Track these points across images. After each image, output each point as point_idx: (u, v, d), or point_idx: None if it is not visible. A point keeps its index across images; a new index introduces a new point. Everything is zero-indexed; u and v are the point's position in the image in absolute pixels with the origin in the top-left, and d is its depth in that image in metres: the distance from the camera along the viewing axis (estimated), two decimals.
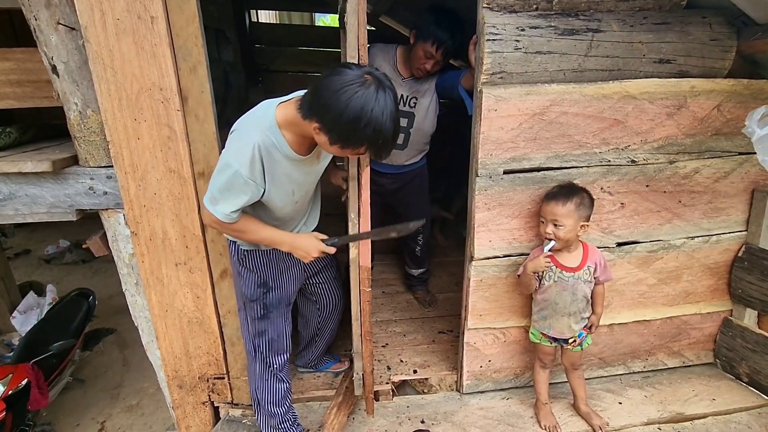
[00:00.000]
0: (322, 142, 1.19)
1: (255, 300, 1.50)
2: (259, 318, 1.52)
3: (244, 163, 1.19)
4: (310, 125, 1.17)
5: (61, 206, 1.54)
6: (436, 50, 1.85)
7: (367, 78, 1.10)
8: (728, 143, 1.74)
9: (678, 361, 2.05)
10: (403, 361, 2.07)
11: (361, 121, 1.08)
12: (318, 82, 1.14)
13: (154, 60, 1.39)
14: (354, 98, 1.07)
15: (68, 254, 4.34)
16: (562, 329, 1.64)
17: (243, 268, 1.48)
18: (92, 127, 1.48)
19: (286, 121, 1.24)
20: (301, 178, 1.35)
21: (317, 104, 1.12)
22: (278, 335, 1.57)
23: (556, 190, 1.57)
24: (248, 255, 1.46)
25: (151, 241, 1.56)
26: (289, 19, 5.74)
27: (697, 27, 1.60)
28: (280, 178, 1.28)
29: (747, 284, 1.87)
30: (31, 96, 1.61)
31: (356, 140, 1.13)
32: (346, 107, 1.07)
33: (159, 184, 1.50)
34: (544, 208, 1.56)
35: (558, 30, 1.51)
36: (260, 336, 1.55)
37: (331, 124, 1.12)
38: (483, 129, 1.56)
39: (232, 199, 1.24)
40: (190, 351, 1.72)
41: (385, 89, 1.11)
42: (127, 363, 2.94)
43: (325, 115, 1.11)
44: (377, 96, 1.09)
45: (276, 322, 1.55)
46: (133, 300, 1.71)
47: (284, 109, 1.25)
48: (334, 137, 1.14)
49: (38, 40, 1.41)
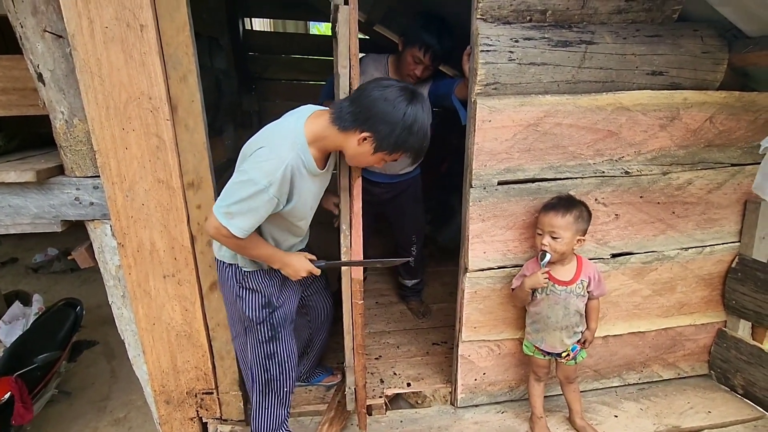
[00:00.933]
0: (363, 151, 1.25)
1: (261, 322, 1.46)
2: (268, 340, 1.48)
3: (275, 181, 1.18)
4: (349, 138, 1.24)
5: (46, 217, 1.50)
6: (424, 54, 1.84)
7: (409, 91, 1.23)
8: (721, 155, 1.74)
9: (673, 373, 2.04)
10: (396, 374, 2.04)
11: (414, 128, 1.21)
12: (364, 95, 1.22)
13: (143, 69, 1.36)
14: (409, 108, 1.20)
15: (56, 263, 4.26)
16: (554, 343, 1.62)
17: (245, 289, 1.44)
18: (79, 136, 1.45)
19: (315, 136, 1.27)
20: (318, 192, 1.39)
21: (368, 115, 1.20)
22: (288, 356, 1.53)
23: (554, 202, 1.55)
24: (250, 275, 1.43)
25: (139, 252, 1.53)
26: (284, 27, 5.75)
27: (689, 40, 1.61)
28: (305, 194, 1.31)
29: (741, 295, 1.87)
30: (16, 104, 1.58)
31: (408, 146, 1.24)
32: (404, 115, 1.19)
33: (147, 194, 1.47)
34: (542, 219, 1.54)
35: (552, 41, 1.51)
36: (270, 359, 1.50)
37: (387, 132, 1.20)
38: (477, 140, 1.55)
39: (251, 215, 1.21)
40: (178, 365, 1.68)
41: (423, 101, 1.25)
42: (114, 374, 2.88)
43: (379, 125, 1.20)
44: (423, 107, 1.23)
45: (285, 342, 1.51)
46: (119, 313, 1.67)
47: (313, 125, 1.27)
48: (385, 145, 1.23)
49: (24, 47, 1.38)
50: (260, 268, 1.43)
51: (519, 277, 1.64)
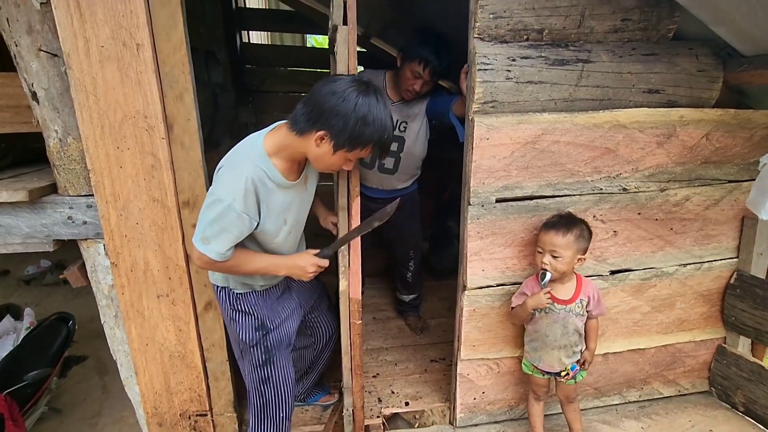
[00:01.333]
0: (322, 152, 1.20)
1: (255, 345, 1.43)
2: (262, 364, 1.44)
3: (237, 196, 1.16)
4: (307, 140, 1.20)
5: (38, 236, 1.48)
6: (423, 69, 1.85)
7: (360, 83, 1.19)
8: (717, 171, 1.75)
9: (673, 390, 2.02)
10: (394, 392, 2.01)
11: (368, 118, 1.16)
12: (315, 93, 1.19)
13: (139, 87, 1.35)
14: (359, 99, 1.15)
15: (49, 275, 4.20)
16: (552, 362, 1.60)
17: (237, 312, 1.41)
18: (72, 155, 1.43)
19: (276, 148, 1.24)
20: (292, 206, 1.34)
21: (320, 112, 1.17)
22: (284, 380, 1.48)
23: (555, 220, 1.54)
24: (242, 297, 1.40)
25: (132, 272, 1.50)
26: (281, 40, 5.78)
27: (684, 58, 1.62)
28: (274, 208, 1.27)
29: (740, 312, 1.86)
30: (9, 121, 1.56)
31: (365, 139, 1.19)
32: (355, 107, 1.15)
33: (141, 213, 1.45)
34: (543, 237, 1.52)
35: (548, 60, 1.52)
36: (265, 383, 1.46)
37: (341, 126, 1.16)
38: (475, 157, 1.55)
39: (224, 236, 1.19)
40: (171, 387, 1.64)
41: (377, 91, 1.21)
42: (106, 390, 2.82)
43: (332, 120, 1.16)
44: (376, 96, 1.19)
45: (280, 366, 1.47)
46: (111, 333, 1.63)
47: (273, 136, 1.26)
48: (342, 140, 1.18)
49: (18, 66, 1.37)
50: (252, 289, 1.41)
51: (519, 295, 1.62)
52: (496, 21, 1.48)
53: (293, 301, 1.53)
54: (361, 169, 1.61)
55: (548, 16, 1.50)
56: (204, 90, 2.42)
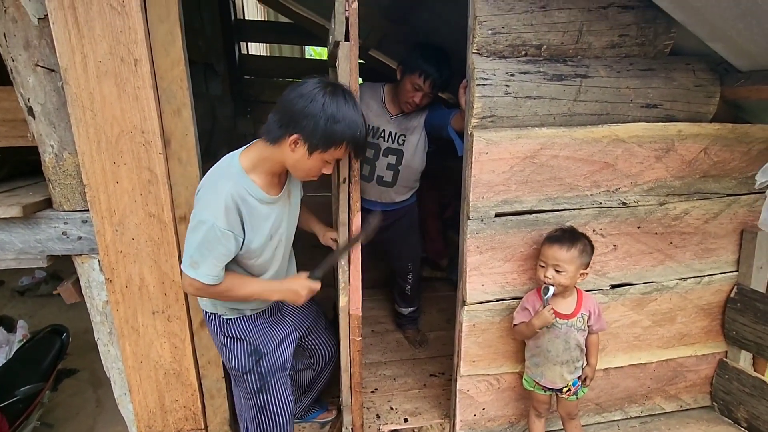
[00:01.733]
0: (299, 157, 1.19)
1: (248, 371, 1.39)
2: (257, 390, 1.41)
3: (219, 214, 1.15)
4: (282, 148, 1.19)
5: (31, 252, 1.46)
6: (424, 81, 1.86)
7: (327, 84, 1.19)
8: (716, 185, 1.75)
9: (675, 405, 2.00)
10: (393, 408, 1.98)
11: (338, 116, 1.16)
12: (284, 100, 1.19)
13: (136, 103, 1.35)
14: (327, 99, 1.15)
15: (44, 285, 4.15)
16: (554, 378, 1.58)
17: (228, 338, 1.38)
18: (68, 170, 1.42)
19: (253, 163, 1.24)
20: (277, 221, 1.32)
21: (290, 116, 1.17)
22: (281, 408, 1.44)
23: (558, 234, 1.52)
24: (232, 323, 1.37)
25: (127, 288, 1.48)
26: (280, 52, 5.81)
27: (681, 73, 1.63)
28: (259, 224, 1.25)
29: (741, 326, 1.85)
30: (5, 135, 1.55)
31: (338, 137, 1.17)
32: (323, 105, 1.14)
33: (137, 228, 1.44)
34: (546, 251, 1.51)
35: (547, 75, 1.52)
36: (261, 411, 1.42)
37: (312, 127, 1.15)
38: (474, 172, 1.54)
39: (212, 258, 1.17)
40: (166, 405, 1.61)
41: (345, 91, 1.21)
42: (100, 404, 2.76)
43: (302, 122, 1.15)
44: (344, 96, 1.19)
45: (276, 392, 1.43)
46: (105, 350, 1.61)
47: (247, 154, 1.25)
48: (315, 141, 1.17)
49: (15, 81, 1.36)
50: (242, 314, 1.38)
51: (521, 311, 1.60)
52: (495, 37, 1.48)
53: (287, 324, 1.50)
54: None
55: (546, 32, 1.51)
56: (202, 102, 2.43)
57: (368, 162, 2.04)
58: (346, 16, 1.27)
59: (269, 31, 4.35)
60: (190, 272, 1.18)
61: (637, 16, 1.55)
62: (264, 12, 5.77)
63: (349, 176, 1.36)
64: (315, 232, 1.61)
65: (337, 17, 1.27)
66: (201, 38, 2.68)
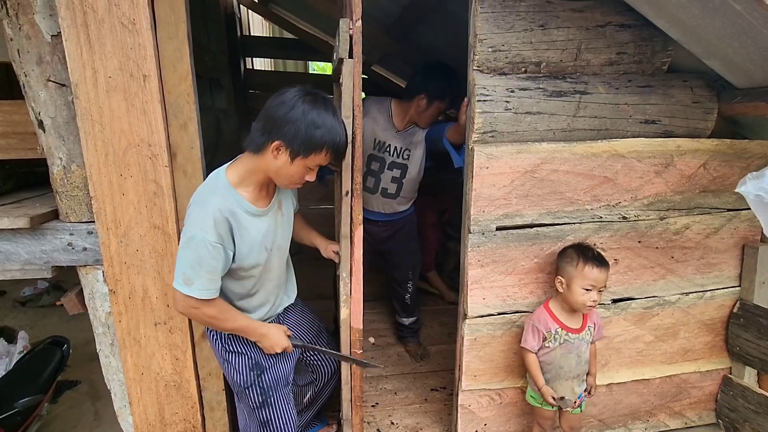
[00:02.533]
0: (281, 164, 1.21)
1: (250, 386, 1.39)
2: (259, 406, 1.40)
3: (208, 228, 1.17)
4: (265, 156, 1.21)
5: (37, 263, 1.47)
6: (447, 106, 2.00)
7: (307, 92, 1.22)
8: (716, 200, 1.76)
9: (680, 422, 1.97)
10: (394, 423, 1.96)
11: (318, 122, 1.18)
12: (266, 108, 1.22)
13: (144, 117, 1.38)
14: (305, 106, 1.18)
15: (45, 296, 4.15)
16: (565, 393, 1.56)
17: (229, 353, 1.38)
18: (75, 182, 1.44)
19: (239, 177, 1.26)
20: (269, 233, 1.33)
21: (273, 124, 1.19)
22: (285, 423, 1.43)
23: (596, 255, 1.52)
24: (234, 338, 1.38)
25: (130, 299, 1.49)
26: (284, 67, 5.91)
27: (679, 90, 1.65)
28: (250, 237, 1.26)
29: (744, 341, 1.83)
30: (15, 147, 1.58)
31: (318, 142, 1.20)
32: (303, 112, 1.18)
33: (142, 240, 1.45)
34: (595, 275, 1.47)
35: (546, 92, 1.55)
36: (265, 426, 1.42)
37: (293, 133, 1.18)
38: (475, 186, 1.56)
39: (205, 273, 1.18)
40: (166, 417, 1.60)
41: (325, 99, 1.24)
42: (98, 417, 2.73)
43: (284, 127, 1.18)
44: (324, 103, 1.22)
45: (279, 407, 1.42)
46: (107, 362, 1.61)
47: (233, 168, 1.28)
48: (296, 146, 1.19)
49: (27, 95, 1.40)
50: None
51: (532, 331, 1.56)
52: (495, 54, 1.51)
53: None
54: (363, 194, 1.63)
55: (546, 49, 1.54)
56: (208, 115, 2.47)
57: (373, 175, 2.08)
58: (350, 34, 1.30)
59: (274, 46, 4.44)
60: (183, 289, 1.19)
61: (634, 34, 1.58)
62: (269, 28, 5.89)
63: (351, 189, 1.38)
64: (317, 245, 1.62)
65: (342, 35, 1.30)
66: (207, 53, 2.73)
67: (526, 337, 1.58)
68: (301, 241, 1.63)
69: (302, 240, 1.62)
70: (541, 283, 1.69)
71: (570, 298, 1.51)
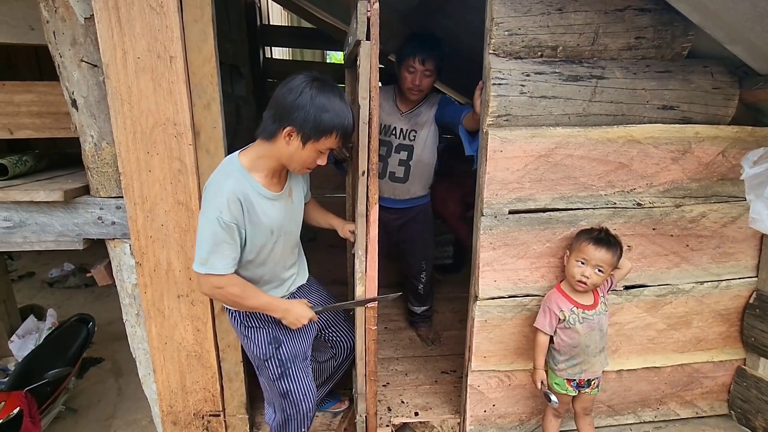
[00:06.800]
0: (294, 149, 1.26)
1: (269, 358, 1.45)
2: (278, 377, 1.46)
3: (222, 207, 1.22)
4: (278, 143, 1.26)
5: (69, 235, 1.56)
6: (413, 61, 1.94)
7: (314, 78, 1.26)
8: (734, 188, 1.74)
9: (691, 412, 1.97)
10: (404, 402, 2.01)
11: (326, 106, 1.23)
12: (275, 97, 1.27)
13: (170, 96, 1.44)
14: (313, 91, 1.22)
15: (71, 278, 4.33)
16: (596, 369, 1.61)
17: (249, 328, 1.44)
18: (106, 158, 1.52)
19: (252, 162, 1.31)
20: (279, 218, 1.37)
21: (283, 111, 1.24)
22: (304, 394, 1.49)
23: (603, 236, 1.54)
24: (251, 314, 1.43)
25: (155, 272, 1.56)
26: (302, 56, 5.96)
27: (699, 76, 1.64)
28: (259, 218, 1.31)
29: (760, 332, 1.82)
30: (49, 127, 1.67)
31: (327, 125, 1.24)
32: (311, 99, 1.22)
33: (167, 215, 1.52)
34: (592, 252, 1.51)
35: (562, 76, 1.55)
36: (284, 398, 1.47)
37: (303, 118, 1.22)
38: (489, 169, 1.58)
39: (221, 251, 1.24)
40: (187, 386, 1.68)
41: (331, 84, 1.28)
42: (121, 393, 2.86)
43: (294, 113, 1.22)
44: (331, 88, 1.26)
45: (297, 378, 1.48)
46: (132, 331, 1.69)
47: (246, 154, 1.33)
48: (307, 130, 1.23)
49: (61, 75, 1.47)
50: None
51: (545, 313, 1.59)
52: (511, 38, 1.52)
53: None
54: None
55: (562, 33, 1.54)
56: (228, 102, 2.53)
57: (381, 159, 2.09)
58: (368, 16, 1.33)
59: (292, 36, 4.49)
60: (201, 269, 1.26)
61: (653, 18, 1.57)
62: (288, 18, 5.94)
63: (367, 169, 1.41)
64: (334, 226, 1.66)
65: (359, 17, 1.33)
66: (228, 41, 2.80)
67: (539, 317, 1.61)
68: (318, 225, 1.67)
69: (319, 223, 1.67)
70: (552, 268, 1.70)
71: (567, 270, 1.57)
